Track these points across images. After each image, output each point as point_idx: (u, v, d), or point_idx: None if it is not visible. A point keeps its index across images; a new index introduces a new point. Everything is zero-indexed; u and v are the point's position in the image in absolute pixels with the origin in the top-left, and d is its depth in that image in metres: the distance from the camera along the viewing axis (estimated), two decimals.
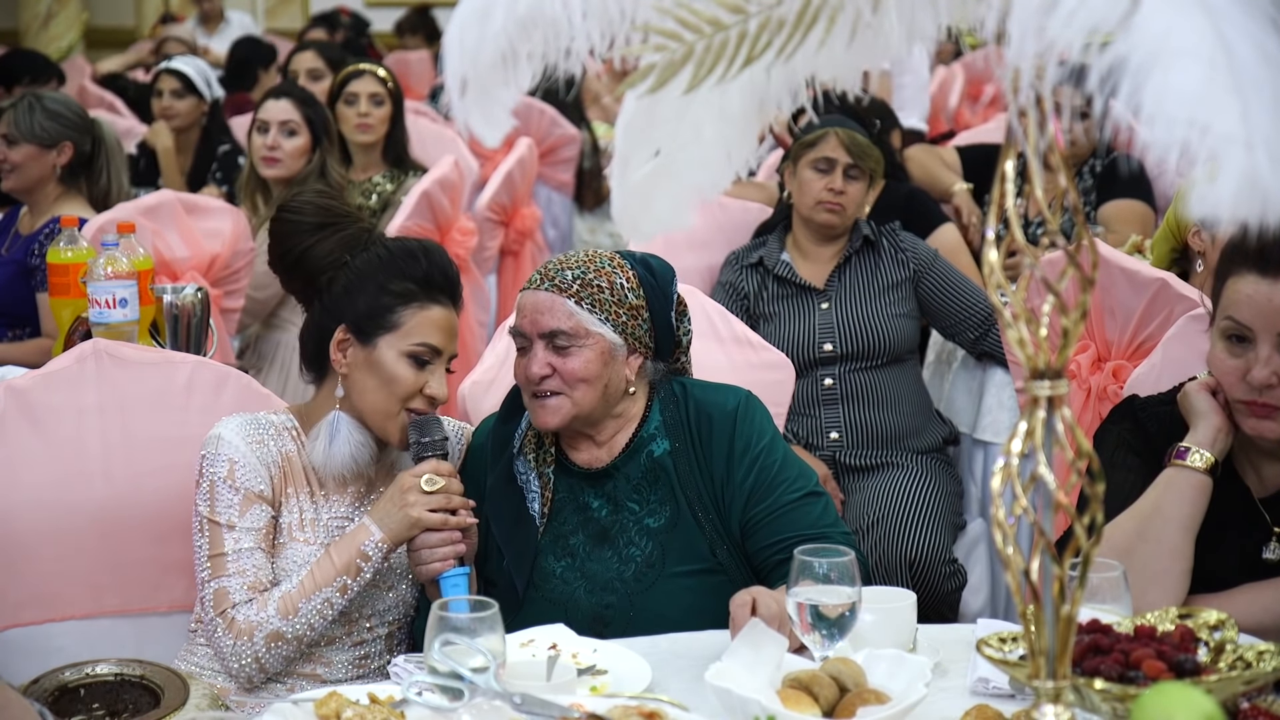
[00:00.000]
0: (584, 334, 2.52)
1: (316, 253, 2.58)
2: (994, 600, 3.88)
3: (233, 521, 2.49)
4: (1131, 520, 2.35)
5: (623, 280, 2.56)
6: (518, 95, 1.60)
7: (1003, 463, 1.53)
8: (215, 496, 2.50)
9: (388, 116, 5.43)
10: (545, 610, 2.50)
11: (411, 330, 2.54)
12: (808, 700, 1.92)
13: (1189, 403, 2.43)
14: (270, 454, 2.55)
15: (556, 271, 2.56)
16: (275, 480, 2.55)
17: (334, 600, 2.47)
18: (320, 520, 2.57)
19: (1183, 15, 1.34)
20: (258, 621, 2.45)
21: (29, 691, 2.32)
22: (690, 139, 1.67)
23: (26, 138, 4.39)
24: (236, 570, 2.48)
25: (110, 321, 3.28)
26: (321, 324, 2.59)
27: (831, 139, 4.00)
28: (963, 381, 4.23)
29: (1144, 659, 1.80)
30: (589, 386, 2.52)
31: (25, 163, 4.41)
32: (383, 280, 2.55)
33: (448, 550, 2.48)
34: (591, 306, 2.53)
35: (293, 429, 2.61)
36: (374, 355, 2.54)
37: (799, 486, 2.54)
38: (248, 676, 2.48)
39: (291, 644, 2.46)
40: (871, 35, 1.58)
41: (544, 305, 2.54)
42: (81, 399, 2.77)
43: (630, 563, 2.55)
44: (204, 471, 2.53)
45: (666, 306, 2.61)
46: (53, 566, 2.73)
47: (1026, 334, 1.53)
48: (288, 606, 2.46)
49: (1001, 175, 1.52)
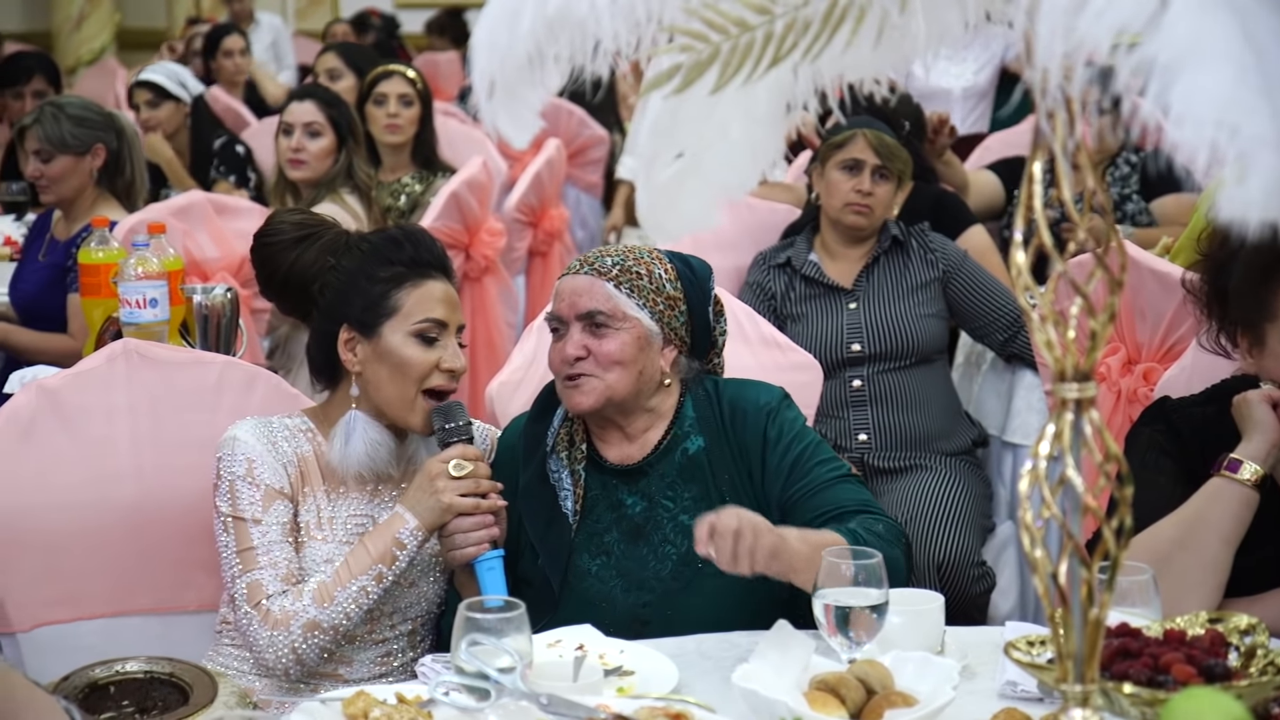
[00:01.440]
0: (621, 316, 2.53)
1: (302, 262, 2.61)
2: (1023, 603, 3.87)
3: (257, 516, 2.50)
4: (1173, 528, 2.33)
5: (661, 271, 2.58)
6: (545, 97, 1.60)
7: (1030, 465, 1.53)
8: (236, 494, 2.51)
9: (417, 117, 5.44)
10: (582, 609, 2.50)
11: (411, 310, 2.55)
12: (834, 702, 1.92)
13: (1247, 412, 2.38)
14: (285, 454, 2.56)
15: (596, 258, 2.59)
16: (293, 479, 2.56)
17: (370, 589, 2.48)
18: (338, 518, 2.58)
19: (1211, 16, 1.33)
20: (294, 611, 2.45)
21: (59, 688, 2.34)
22: (717, 139, 1.67)
23: (60, 149, 4.36)
24: (268, 562, 2.48)
25: (141, 321, 3.30)
26: (324, 330, 2.61)
27: (860, 140, 3.99)
28: (992, 383, 4.22)
29: (1173, 663, 1.79)
30: (623, 370, 2.53)
31: (64, 175, 4.39)
32: (371, 271, 2.57)
33: (481, 534, 2.49)
34: (630, 291, 2.54)
35: (308, 430, 2.62)
36: (381, 345, 2.55)
37: (834, 467, 2.54)
38: (284, 669, 2.48)
39: (328, 634, 2.47)
40: (898, 36, 1.58)
41: (583, 288, 2.56)
42: (112, 399, 2.79)
43: (666, 560, 2.55)
44: (221, 472, 2.54)
45: (704, 302, 2.63)
46: (83, 565, 2.75)
47: (1054, 336, 1.52)
48: (324, 595, 2.46)
49: (1029, 176, 1.52)
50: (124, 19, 12.38)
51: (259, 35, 10.05)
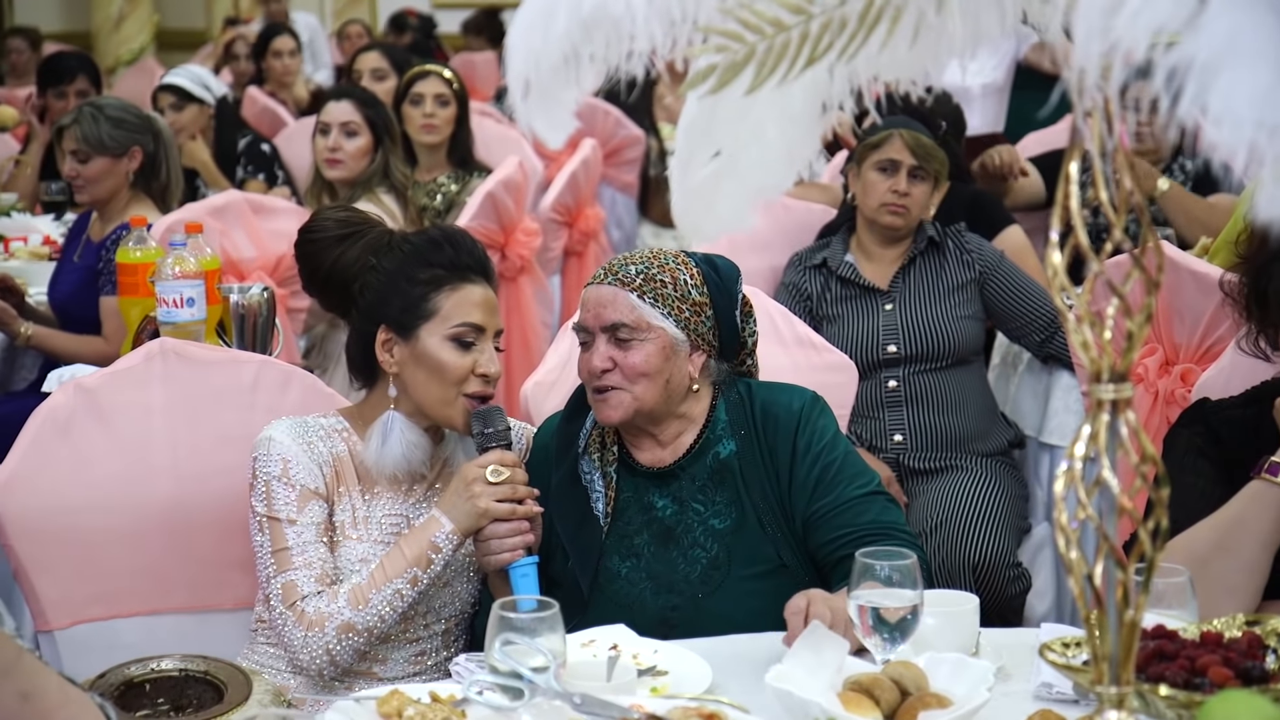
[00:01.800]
0: (646, 327, 2.53)
1: (344, 262, 2.61)
2: (1059, 605, 3.85)
3: (292, 516, 2.51)
4: (1211, 530, 2.32)
5: (686, 277, 2.57)
6: (581, 97, 1.60)
7: (1066, 466, 1.52)
8: (271, 494, 2.52)
9: (453, 117, 5.45)
10: (611, 611, 2.50)
11: (449, 313, 2.55)
12: (868, 703, 1.92)
13: None
14: (320, 454, 2.57)
15: (620, 266, 2.58)
16: (328, 479, 2.56)
17: (404, 591, 2.48)
18: (373, 518, 2.59)
19: (1251, 15, 1.32)
20: (329, 613, 2.46)
21: (95, 685, 2.35)
22: (752, 139, 1.67)
23: (98, 150, 4.37)
24: (303, 563, 2.49)
25: (178, 321, 3.32)
26: (362, 330, 2.61)
27: (896, 140, 3.98)
28: (1028, 384, 4.20)
29: (1210, 665, 1.78)
30: (650, 381, 2.53)
31: (100, 176, 4.39)
32: (411, 273, 2.57)
33: (517, 540, 2.49)
34: (654, 301, 2.54)
35: (343, 430, 2.62)
36: (418, 347, 2.55)
37: (862, 484, 2.53)
38: (318, 670, 2.49)
39: (362, 635, 2.48)
40: (935, 36, 1.57)
41: (606, 299, 2.55)
42: (149, 397, 2.81)
43: (696, 564, 2.55)
44: (257, 472, 2.54)
45: (731, 305, 2.62)
46: (119, 563, 2.76)
47: (1091, 337, 1.51)
48: (358, 597, 2.47)
49: (1066, 176, 1.51)
50: (162, 19, 12.45)
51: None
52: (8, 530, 2.67)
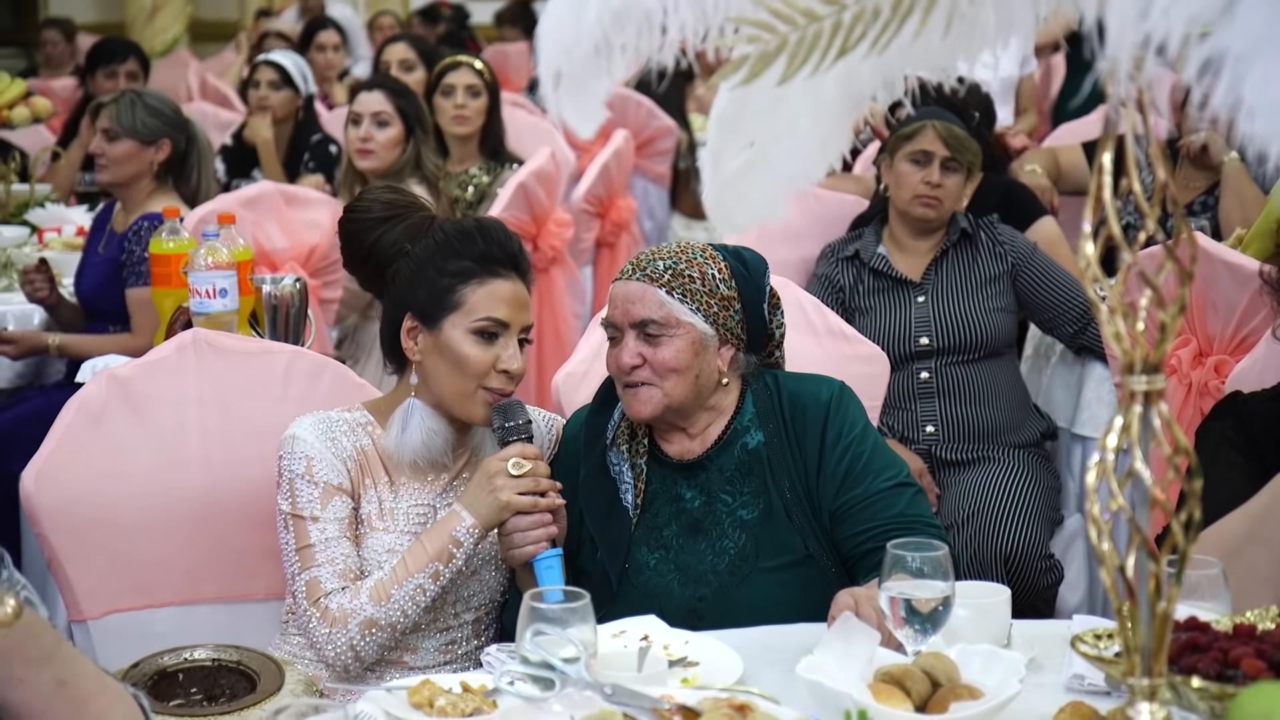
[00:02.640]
0: (675, 323, 2.53)
1: (383, 243, 2.60)
2: (1091, 596, 3.85)
3: (315, 514, 2.52)
4: (1241, 521, 2.31)
5: (714, 271, 2.57)
6: (612, 87, 1.61)
7: (1098, 458, 1.52)
8: (295, 492, 2.53)
9: (484, 108, 5.45)
10: (640, 601, 2.51)
11: (474, 306, 2.54)
12: (899, 695, 1.91)
13: None
14: (344, 449, 2.58)
15: (648, 262, 2.58)
16: (353, 473, 2.57)
17: (426, 586, 2.49)
18: (399, 509, 2.60)
19: None
20: (351, 609, 2.47)
21: (129, 675, 2.37)
22: (784, 130, 1.67)
23: (128, 133, 4.41)
24: (325, 560, 2.50)
25: (210, 311, 3.34)
26: (390, 316, 2.62)
27: (929, 132, 3.96)
28: (1061, 376, 4.20)
29: (1243, 657, 1.77)
30: (680, 376, 2.53)
31: (123, 159, 4.43)
32: (440, 263, 2.56)
33: (540, 533, 2.49)
34: (683, 296, 2.54)
35: (367, 424, 2.63)
36: (441, 338, 2.55)
37: (889, 476, 2.54)
38: (344, 666, 2.50)
39: (386, 631, 2.49)
40: (968, 26, 1.57)
41: (635, 295, 2.55)
42: (181, 388, 2.82)
43: (724, 555, 2.56)
44: (282, 470, 2.56)
45: (759, 299, 2.62)
46: (153, 553, 2.78)
47: (1124, 328, 1.51)
48: (381, 593, 2.48)
49: (1099, 167, 1.51)
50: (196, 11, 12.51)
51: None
52: (41, 520, 2.69)
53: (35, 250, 5.14)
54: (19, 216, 5.48)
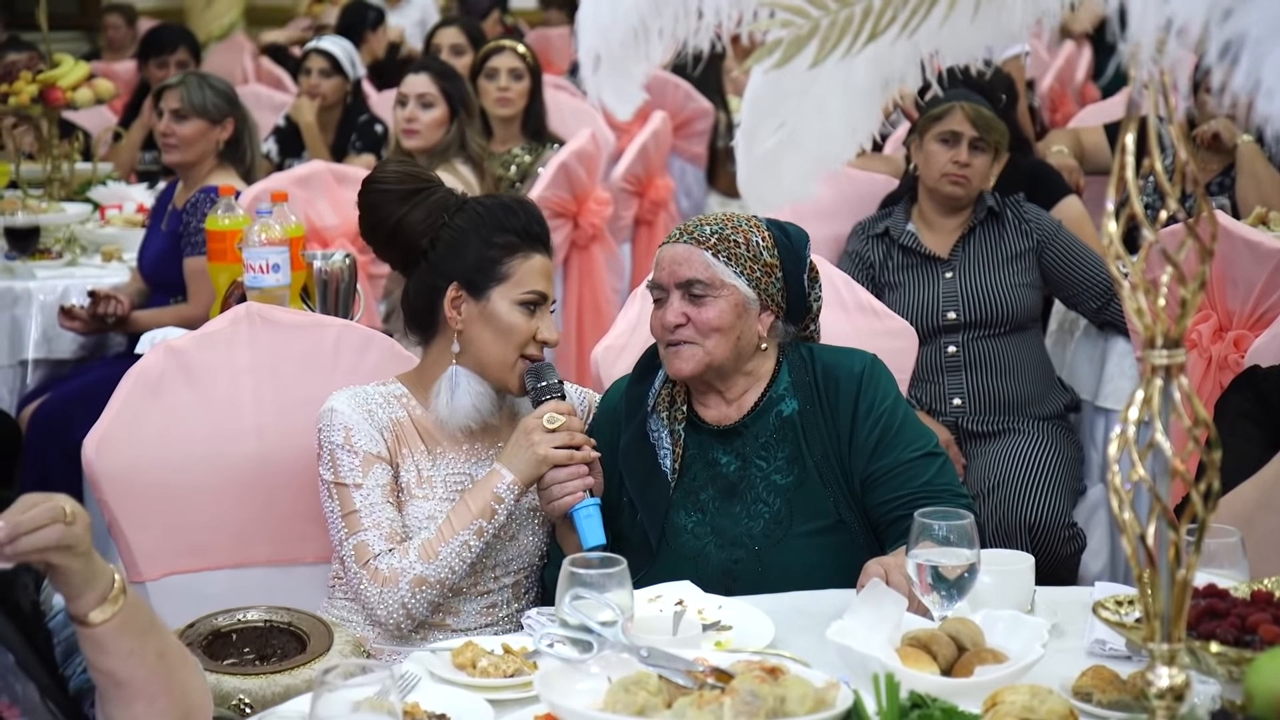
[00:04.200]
0: (719, 284, 2.60)
1: (411, 220, 2.68)
2: (1113, 564, 3.88)
3: (358, 481, 2.59)
4: (1254, 489, 2.34)
5: (759, 239, 2.64)
6: (649, 70, 1.65)
7: (1120, 430, 1.55)
8: (337, 462, 2.61)
9: (526, 91, 5.53)
10: (677, 564, 2.58)
11: (521, 279, 2.64)
12: (926, 658, 1.96)
13: None
14: (381, 420, 2.65)
15: (695, 227, 2.65)
16: (390, 443, 2.64)
17: (471, 543, 2.57)
18: (438, 476, 2.67)
19: None
20: (401, 568, 2.54)
21: (185, 634, 2.44)
22: (816, 112, 1.70)
23: (198, 113, 4.53)
24: (372, 524, 2.58)
25: (264, 286, 3.38)
26: (430, 284, 2.68)
27: (957, 113, 4.01)
28: (1085, 349, 4.24)
29: (1260, 623, 1.80)
30: (722, 336, 2.60)
31: (193, 138, 4.55)
32: (486, 234, 2.65)
33: (577, 483, 2.58)
34: (728, 260, 2.60)
35: (401, 396, 2.70)
36: (488, 308, 2.64)
37: (918, 446, 2.59)
38: (395, 624, 2.57)
39: (435, 588, 2.56)
40: (995, 10, 1.60)
41: (681, 256, 2.62)
42: (235, 359, 2.89)
43: (759, 519, 2.62)
44: (322, 442, 2.63)
45: (799, 269, 2.68)
46: (207, 518, 2.85)
47: (1145, 304, 1.53)
48: (429, 551, 2.55)
49: (1122, 147, 1.54)
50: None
51: (408, 12, 10.14)
52: (102, 486, 2.75)
53: (97, 226, 5.24)
54: (82, 194, 5.58)
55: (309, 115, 6.30)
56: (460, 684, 2.06)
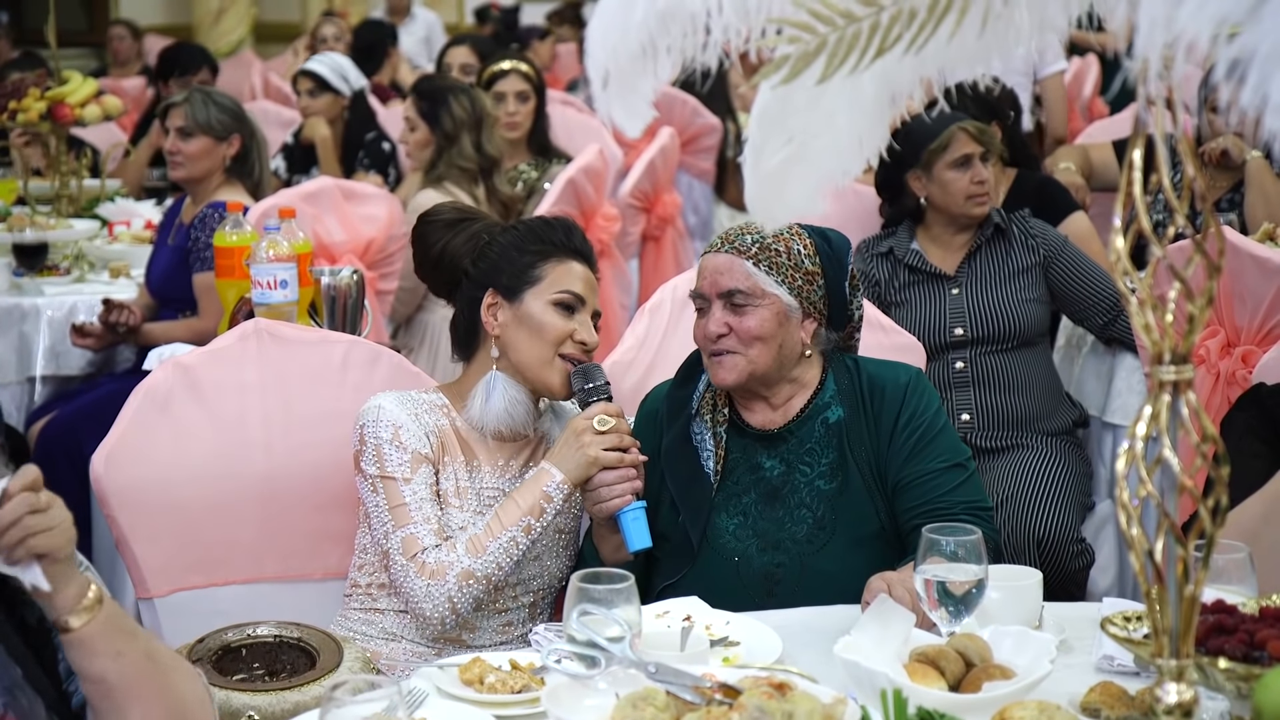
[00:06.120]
0: (760, 294, 2.61)
1: (455, 244, 2.74)
2: (1122, 579, 3.88)
3: (406, 476, 2.60)
4: (1259, 504, 2.34)
5: (800, 247, 2.65)
6: (658, 86, 1.66)
7: (1128, 445, 1.54)
8: (383, 456, 2.61)
9: (532, 110, 5.60)
10: (718, 566, 2.61)
11: (555, 280, 2.68)
12: (934, 674, 1.96)
13: None
14: (427, 424, 2.66)
15: (737, 236, 2.67)
16: (435, 448, 2.66)
17: (519, 540, 2.57)
18: (474, 489, 2.68)
19: None
20: (449, 562, 2.55)
21: (194, 650, 2.44)
22: (823, 127, 1.70)
23: (203, 130, 4.55)
24: (421, 517, 2.58)
25: (271, 302, 3.40)
26: (470, 296, 2.72)
27: (960, 136, 4.00)
28: (1092, 365, 4.24)
29: (1269, 639, 1.80)
30: (764, 345, 2.61)
31: (199, 154, 4.56)
32: (523, 244, 2.70)
33: (625, 486, 2.59)
34: (769, 269, 2.62)
35: (443, 406, 2.72)
36: (522, 309, 2.67)
37: (947, 457, 2.62)
38: (440, 619, 2.57)
39: (481, 583, 2.56)
40: (1003, 26, 1.60)
41: (723, 266, 2.64)
42: (244, 375, 2.89)
43: (801, 523, 2.63)
44: (366, 438, 2.63)
45: (841, 275, 2.70)
46: (217, 534, 2.85)
47: (1153, 320, 1.53)
48: (477, 546, 2.56)
49: (1129, 163, 1.54)
50: (260, 13, 12.63)
51: (413, 29, 10.19)
52: (110, 501, 2.76)
53: (105, 243, 5.25)
54: (90, 210, 5.61)
55: (323, 130, 6.33)
56: (468, 700, 2.07)
